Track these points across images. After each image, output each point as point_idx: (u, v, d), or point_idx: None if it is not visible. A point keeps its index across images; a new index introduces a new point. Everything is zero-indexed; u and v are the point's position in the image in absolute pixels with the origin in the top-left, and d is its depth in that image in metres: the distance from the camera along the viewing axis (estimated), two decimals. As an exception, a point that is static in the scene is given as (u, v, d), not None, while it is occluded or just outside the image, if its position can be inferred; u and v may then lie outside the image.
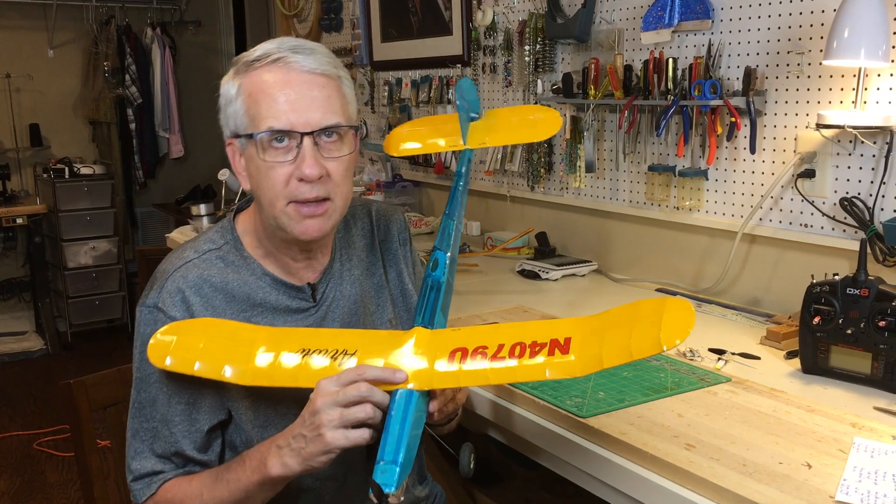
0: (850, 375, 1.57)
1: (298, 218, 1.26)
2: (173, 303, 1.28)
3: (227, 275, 1.32)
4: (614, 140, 2.53)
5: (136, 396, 1.31)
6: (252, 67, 1.25)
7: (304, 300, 1.36)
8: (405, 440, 1.08)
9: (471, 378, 1.14)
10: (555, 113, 1.59)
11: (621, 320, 1.10)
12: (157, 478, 1.29)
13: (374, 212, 1.52)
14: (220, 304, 1.30)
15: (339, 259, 1.42)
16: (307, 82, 1.23)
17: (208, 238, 1.37)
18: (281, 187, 1.24)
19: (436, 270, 1.30)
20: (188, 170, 5.82)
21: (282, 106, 1.22)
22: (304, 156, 1.22)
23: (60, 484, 3.46)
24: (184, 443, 1.29)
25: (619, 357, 1.05)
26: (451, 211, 1.39)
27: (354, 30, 3.96)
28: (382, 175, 3.72)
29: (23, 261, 5.38)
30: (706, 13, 2.18)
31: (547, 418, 1.49)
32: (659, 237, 2.46)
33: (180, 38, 5.75)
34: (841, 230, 1.94)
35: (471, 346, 1.15)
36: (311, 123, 1.23)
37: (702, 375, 1.61)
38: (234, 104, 1.27)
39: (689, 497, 1.20)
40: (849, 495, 1.13)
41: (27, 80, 5.28)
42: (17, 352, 5.04)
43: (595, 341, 1.09)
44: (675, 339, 1.02)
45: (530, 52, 2.80)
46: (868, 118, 1.81)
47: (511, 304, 2.17)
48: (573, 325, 1.14)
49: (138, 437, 1.30)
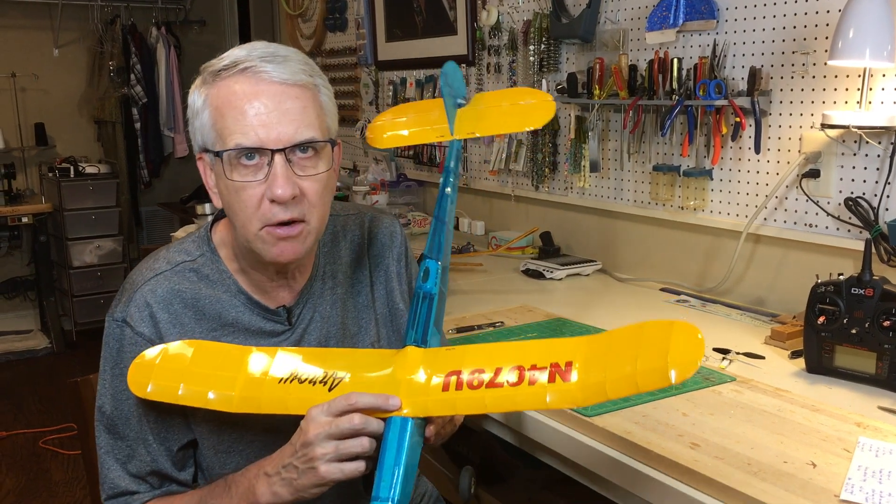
0: (854, 375, 1.57)
1: (273, 241, 1.17)
2: (141, 318, 1.22)
3: (199, 290, 1.25)
4: (619, 140, 2.53)
5: (109, 411, 1.24)
6: (219, 77, 1.16)
7: (278, 323, 1.29)
8: (401, 474, 1.03)
9: (468, 405, 1.07)
10: (546, 96, 1.46)
11: (626, 344, 1.03)
12: (132, 498, 1.25)
13: (367, 223, 1.42)
14: (189, 321, 1.24)
15: (320, 277, 1.34)
16: (278, 94, 1.14)
17: (183, 248, 1.30)
18: (253, 210, 1.15)
19: (427, 281, 1.20)
20: (193, 169, 5.72)
21: (250, 120, 1.13)
22: (275, 175, 1.13)
23: (66, 482, 3.47)
24: (161, 461, 1.25)
25: (625, 389, 0.99)
26: (441, 213, 1.26)
27: (359, 29, 3.97)
28: (387, 175, 3.72)
29: (28, 259, 5.40)
30: (711, 13, 2.19)
31: (552, 417, 1.49)
32: (663, 237, 2.46)
33: (185, 37, 5.76)
34: (846, 230, 1.94)
35: (467, 369, 1.09)
36: (282, 140, 1.13)
37: (706, 375, 1.61)
38: (200, 116, 1.18)
39: (693, 496, 1.21)
40: (854, 494, 1.13)
41: (32, 79, 5.30)
42: (23, 350, 5.05)
43: (598, 367, 1.02)
44: (682, 372, 0.94)
45: (535, 52, 2.80)
46: (873, 118, 1.81)
47: (515, 303, 2.17)
48: (574, 346, 1.07)
49: (111, 456, 1.25)
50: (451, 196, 1.28)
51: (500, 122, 1.45)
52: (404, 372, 1.12)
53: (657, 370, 0.96)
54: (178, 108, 5.56)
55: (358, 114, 4.07)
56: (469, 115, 1.41)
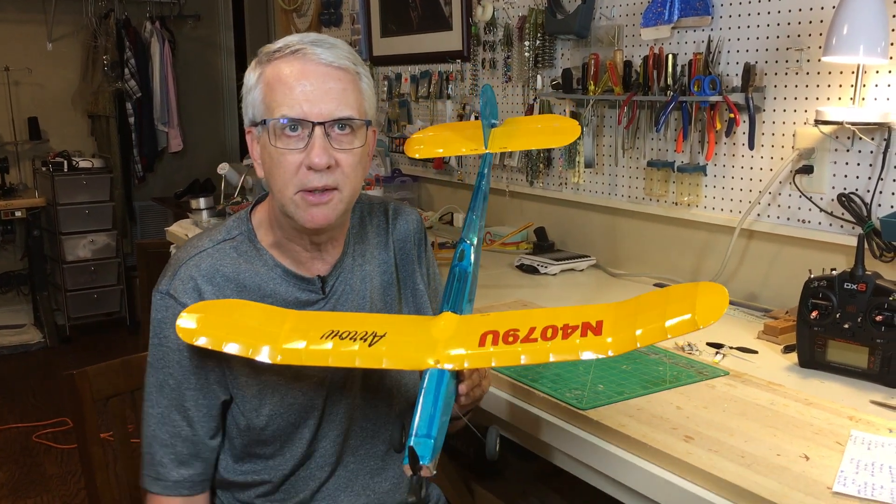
0: (847, 370, 1.58)
1: (305, 206, 1.27)
2: (185, 290, 1.30)
3: (239, 265, 1.34)
4: (613, 135, 2.54)
5: (149, 380, 1.34)
6: (272, 57, 1.27)
7: (313, 292, 1.37)
8: (437, 417, 1.08)
9: (503, 357, 1.12)
10: (574, 123, 1.68)
11: (653, 304, 1.10)
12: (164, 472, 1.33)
13: (390, 210, 1.52)
14: (231, 293, 1.32)
15: (351, 254, 1.43)
16: (323, 74, 1.25)
17: (225, 228, 1.40)
18: (291, 175, 1.25)
19: (462, 261, 1.33)
20: (187, 164, 5.82)
21: (297, 96, 1.24)
22: (313, 145, 1.24)
23: (59, 476, 3.46)
24: (199, 428, 1.33)
25: (654, 336, 1.05)
26: (475, 206, 1.47)
27: (354, 24, 3.96)
28: (382, 170, 3.73)
29: (21, 254, 5.38)
30: (706, 9, 2.19)
31: (547, 410, 1.50)
32: (657, 232, 2.47)
33: (179, 32, 5.74)
34: (838, 226, 1.95)
35: (501, 330, 1.15)
36: (323, 114, 1.24)
37: (700, 369, 1.62)
38: (252, 93, 1.29)
39: (687, 488, 1.22)
40: (846, 487, 1.14)
41: (26, 73, 5.28)
42: (16, 344, 5.04)
43: (628, 324, 1.08)
44: (709, 318, 1.02)
45: (530, 48, 2.80)
46: (866, 114, 1.82)
47: (510, 298, 2.18)
48: (604, 309, 1.14)
49: (158, 441, 1.33)
50: (485, 192, 1.50)
51: (529, 139, 1.69)
52: (441, 333, 1.18)
53: (685, 318, 1.03)
54: (173, 103, 5.55)
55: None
56: (501, 133, 1.63)
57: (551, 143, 1.72)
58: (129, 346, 4.82)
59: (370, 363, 1.15)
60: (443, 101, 3.36)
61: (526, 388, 1.55)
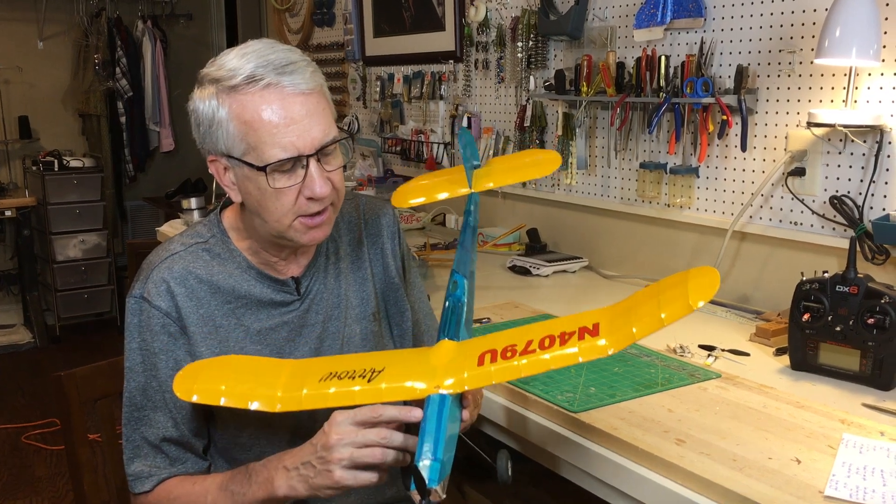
0: (838, 372, 1.58)
1: (304, 230, 1.28)
2: (158, 293, 1.30)
3: (212, 267, 1.34)
4: (606, 137, 2.54)
5: (126, 385, 1.33)
6: (239, 91, 1.22)
7: (288, 293, 1.38)
8: (443, 439, 1.07)
9: (502, 373, 1.11)
10: (555, 154, 1.72)
11: (646, 296, 1.10)
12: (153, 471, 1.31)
13: (361, 205, 1.52)
14: (205, 294, 1.32)
15: (324, 253, 1.43)
16: (302, 104, 1.22)
17: (195, 232, 1.39)
18: (289, 207, 1.25)
19: (456, 291, 1.32)
20: (178, 163, 5.79)
21: (288, 137, 1.21)
22: (312, 177, 1.23)
23: (48, 477, 3.44)
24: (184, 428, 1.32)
25: (651, 326, 1.04)
26: (464, 241, 1.45)
27: (347, 24, 3.95)
28: (374, 170, 3.72)
29: (11, 253, 5.35)
30: (699, 11, 2.19)
31: (538, 413, 1.49)
32: (649, 234, 2.46)
33: (171, 31, 5.73)
34: (830, 228, 1.95)
35: (499, 347, 1.14)
36: (314, 144, 1.23)
37: (692, 371, 1.61)
38: (223, 127, 1.24)
39: (678, 491, 1.21)
40: (838, 490, 1.14)
41: (16, 71, 5.25)
42: (6, 345, 5.01)
43: (624, 321, 1.07)
44: (702, 298, 1.02)
45: (523, 49, 2.80)
46: (858, 117, 1.82)
47: (502, 299, 2.18)
48: (599, 312, 1.13)
49: (130, 426, 1.33)
50: (474, 227, 1.49)
51: (512, 174, 1.70)
52: (439, 360, 1.18)
53: (678, 302, 1.03)
54: (164, 103, 5.53)
55: (346, 109, 4.06)
56: (484, 173, 1.65)
57: (533, 174, 1.77)
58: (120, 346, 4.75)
59: (371, 399, 1.14)
60: (435, 102, 3.35)
61: (518, 391, 1.54)
